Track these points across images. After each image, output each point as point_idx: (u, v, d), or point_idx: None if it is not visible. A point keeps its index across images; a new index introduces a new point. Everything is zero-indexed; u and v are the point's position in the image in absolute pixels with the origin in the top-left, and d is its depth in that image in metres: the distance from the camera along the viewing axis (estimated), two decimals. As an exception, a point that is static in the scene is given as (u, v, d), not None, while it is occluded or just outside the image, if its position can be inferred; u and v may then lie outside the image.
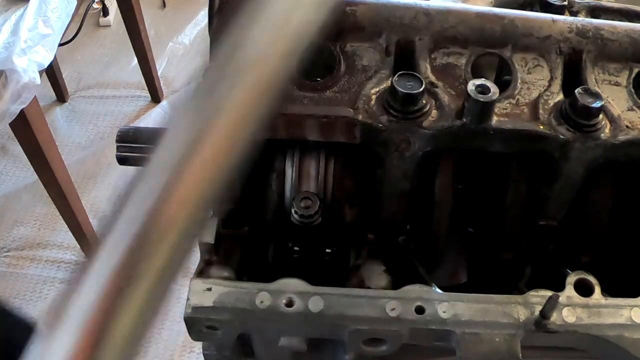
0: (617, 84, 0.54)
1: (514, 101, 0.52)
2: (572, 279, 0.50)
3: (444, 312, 0.47)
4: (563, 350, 0.54)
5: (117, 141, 0.58)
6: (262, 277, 0.49)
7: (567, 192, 0.54)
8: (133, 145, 0.58)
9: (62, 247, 2.12)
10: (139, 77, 2.33)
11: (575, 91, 0.49)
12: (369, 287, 0.51)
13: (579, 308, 0.48)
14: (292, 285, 0.47)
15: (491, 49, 0.54)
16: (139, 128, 0.59)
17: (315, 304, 0.46)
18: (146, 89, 2.35)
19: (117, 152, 0.57)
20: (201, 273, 0.48)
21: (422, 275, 0.52)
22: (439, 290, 0.49)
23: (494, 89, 0.48)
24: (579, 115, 0.49)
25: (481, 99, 0.47)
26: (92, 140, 2.32)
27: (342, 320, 0.46)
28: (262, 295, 0.46)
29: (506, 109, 0.51)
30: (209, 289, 0.46)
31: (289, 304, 0.46)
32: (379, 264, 0.52)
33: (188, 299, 0.46)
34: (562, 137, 0.50)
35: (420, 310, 0.47)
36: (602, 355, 0.50)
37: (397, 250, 0.55)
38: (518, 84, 0.53)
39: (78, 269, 0.27)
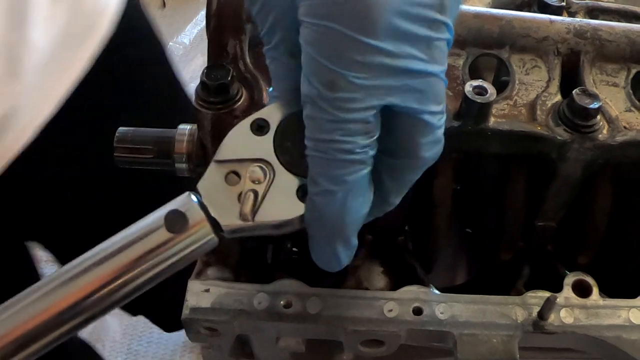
0: (615, 85, 0.54)
1: (511, 102, 0.52)
2: (570, 279, 0.50)
3: (441, 313, 0.47)
4: (561, 352, 0.54)
5: (116, 142, 0.58)
6: (260, 278, 0.49)
7: (565, 193, 0.54)
8: (132, 147, 0.58)
9: (62, 247, 2.12)
10: (138, 77, 2.33)
11: (573, 92, 0.49)
12: (366, 288, 0.51)
13: (576, 309, 0.48)
14: (290, 286, 0.47)
15: (489, 50, 0.54)
16: (137, 129, 0.59)
17: (313, 305, 0.46)
18: (145, 89, 2.35)
19: (115, 153, 0.57)
20: (199, 274, 0.49)
21: (420, 276, 0.52)
22: (436, 292, 0.49)
23: (491, 90, 0.48)
24: (576, 116, 0.49)
25: (479, 100, 0.47)
26: (91, 140, 2.32)
27: (340, 321, 0.46)
28: (260, 296, 0.46)
29: (504, 110, 0.51)
30: (207, 290, 0.46)
31: (287, 305, 0.46)
32: (377, 265, 0.52)
33: (186, 300, 0.46)
34: (559, 138, 0.50)
35: (418, 311, 0.47)
36: (601, 356, 0.50)
37: (395, 251, 0.55)
38: (516, 85, 0.53)
39: None
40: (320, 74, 0.37)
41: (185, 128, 0.56)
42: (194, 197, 0.40)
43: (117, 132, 0.58)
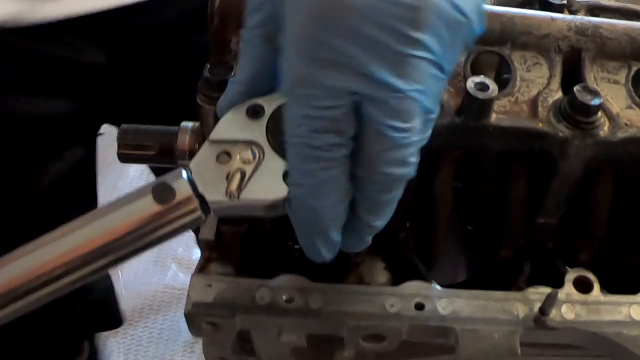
0: (616, 82, 0.54)
1: (513, 99, 0.52)
2: (571, 276, 0.50)
3: (443, 308, 0.47)
4: (562, 348, 0.54)
5: (119, 139, 0.58)
6: (262, 274, 0.49)
7: (566, 190, 0.54)
8: (134, 144, 0.58)
9: (62, 247, 2.11)
10: (139, 77, 2.33)
11: (574, 88, 0.49)
12: (368, 284, 0.51)
13: (577, 305, 0.49)
14: (292, 281, 0.47)
15: (490, 47, 0.54)
16: (140, 126, 0.59)
17: (315, 300, 0.46)
18: (146, 89, 2.35)
19: (118, 149, 0.58)
20: (202, 269, 0.49)
21: (422, 272, 0.52)
22: (438, 287, 0.49)
23: (492, 87, 0.48)
24: (577, 113, 0.49)
25: (480, 96, 0.47)
26: (91, 140, 2.33)
27: (341, 316, 0.46)
28: (262, 291, 0.46)
29: (505, 106, 0.51)
30: (209, 285, 0.47)
31: (289, 299, 0.46)
32: (378, 260, 0.52)
33: (188, 295, 0.46)
34: (561, 134, 0.50)
35: (419, 306, 0.47)
36: (601, 352, 0.50)
37: (397, 248, 0.56)
38: (517, 82, 0.53)
39: None
40: (291, 68, 0.38)
41: (187, 125, 0.56)
42: (184, 173, 0.41)
43: (119, 129, 0.59)
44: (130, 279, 2.08)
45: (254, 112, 0.43)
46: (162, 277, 2.08)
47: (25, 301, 0.38)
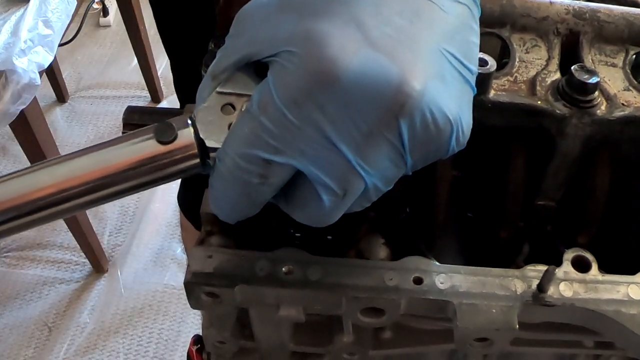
0: (613, 65, 0.55)
1: (512, 78, 0.53)
2: (569, 255, 0.50)
3: (441, 282, 0.47)
4: (559, 332, 0.54)
5: (124, 119, 0.59)
6: (263, 249, 0.50)
7: (565, 171, 0.54)
8: (140, 124, 0.59)
9: (62, 247, 2.12)
10: (139, 77, 2.34)
11: (572, 68, 0.50)
12: (368, 259, 0.51)
13: (575, 283, 0.49)
14: (292, 254, 0.48)
15: (490, 28, 0.54)
16: (146, 107, 0.59)
17: (314, 273, 0.47)
18: (146, 89, 2.36)
19: (123, 129, 0.58)
20: (202, 242, 0.49)
21: (421, 249, 0.53)
22: (436, 263, 0.49)
23: (491, 62, 0.48)
24: (575, 91, 0.50)
25: (479, 71, 0.48)
26: (92, 140, 2.33)
27: (340, 288, 0.46)
28: (262, 263, 0.47)
29: (504, 85, 0.52)
30: (210, 257, 0.47)
31: (289, 272, 0.47)
32: (378, 236, 0.52)
33: (188, 265, 0.47)
34: (558, 112, 0.50)
35: (418, 280, 0.47)
36: (599, 330, 0.50)
37: (397, 226, 0.56)
38: (516, 63, 0.53)
39: None
40: (262, 94, 0.39)
41: (192, 107, 0.56)
42: (188, 119, 0.42)
43: (125, 110, 0.59)
44: (130, 279, 2.08)
45: (262, 70, 0.43)
46: (161, 277, 2.08)
47: (13, 223, 0.38)
